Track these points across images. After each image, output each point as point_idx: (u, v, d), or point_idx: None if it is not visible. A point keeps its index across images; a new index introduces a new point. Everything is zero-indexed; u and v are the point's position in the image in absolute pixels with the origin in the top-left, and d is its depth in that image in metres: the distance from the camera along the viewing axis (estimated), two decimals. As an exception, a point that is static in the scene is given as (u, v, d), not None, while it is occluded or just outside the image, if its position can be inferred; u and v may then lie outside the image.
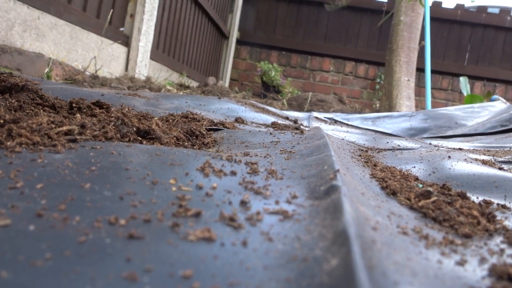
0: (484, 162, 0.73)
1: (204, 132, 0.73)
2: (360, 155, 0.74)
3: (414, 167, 0.67)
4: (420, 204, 0.47)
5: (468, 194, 0.53)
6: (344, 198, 0.36)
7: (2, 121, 0.52)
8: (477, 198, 0.53)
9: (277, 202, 0.40)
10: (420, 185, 0.53)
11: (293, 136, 0.79)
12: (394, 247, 0.33)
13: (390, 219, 0.42)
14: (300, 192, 0.43)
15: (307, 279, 0.24)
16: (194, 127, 0.72)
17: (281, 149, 0.66)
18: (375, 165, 0.64)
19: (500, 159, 0.80)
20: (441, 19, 5.18)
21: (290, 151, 0.65)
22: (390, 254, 0.30)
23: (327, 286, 0.22)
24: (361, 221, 0.33)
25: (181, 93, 2.80)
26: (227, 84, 5.33)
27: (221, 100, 1.66)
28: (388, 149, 0.86)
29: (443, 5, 5.24)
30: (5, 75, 0.75)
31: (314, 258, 0.27)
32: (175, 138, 0.67)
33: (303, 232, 0.32)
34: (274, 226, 0.34)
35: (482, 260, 0.35)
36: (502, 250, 0.37)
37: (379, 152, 0.80)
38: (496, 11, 5.28)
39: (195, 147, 0.67)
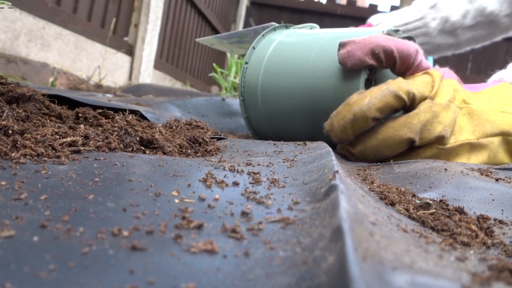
0: (481, 173, 0.73)
1: (207, 139, 0.73)
2: (358, 174, 0.74)
3: (411, 182, 0.67)
4: (418, 214, 0.47)
5: (465, 209, 0.53)
6: (341, 195, 0.36)
7: (10, 131, 0.52)
8: (474, 213, 0.53)
9: (278, 210, 0.40)
10: (418, 201, 0.53)
11: (296, 147, 0.80)
12: (393, 240, 0.33)
13: (390, 219, 0.42)
14: (301, 197, 0.43)
15: (307, 281, 0.24)
16: (197, 135, 0.73)
17: (284, 157, 0.66)
18: (372, 182, 0.65)
19: (496, 167, 0.81)
20: (443, 27, 5.19)
21: (293, 160, 0.65)
22: (389, 245, 0.30)
23: (325, 285, 0.22)
24: (359, 216, 0.33)
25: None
26: (230, 93, 5.33)
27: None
28: (386, 163, 0.87)
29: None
30: (12, 85, 0.76)
31: (314, 259, 0.27)
32: (178, 146, 0.67)
33: (304, 235, 0.32)
34: (276, 234, 0.34)
35: (482, 260, 0.35)
36: (500, 260, 0.38)
37: (377, 169, 0.81)
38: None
39: (198, 154, 0.68)
